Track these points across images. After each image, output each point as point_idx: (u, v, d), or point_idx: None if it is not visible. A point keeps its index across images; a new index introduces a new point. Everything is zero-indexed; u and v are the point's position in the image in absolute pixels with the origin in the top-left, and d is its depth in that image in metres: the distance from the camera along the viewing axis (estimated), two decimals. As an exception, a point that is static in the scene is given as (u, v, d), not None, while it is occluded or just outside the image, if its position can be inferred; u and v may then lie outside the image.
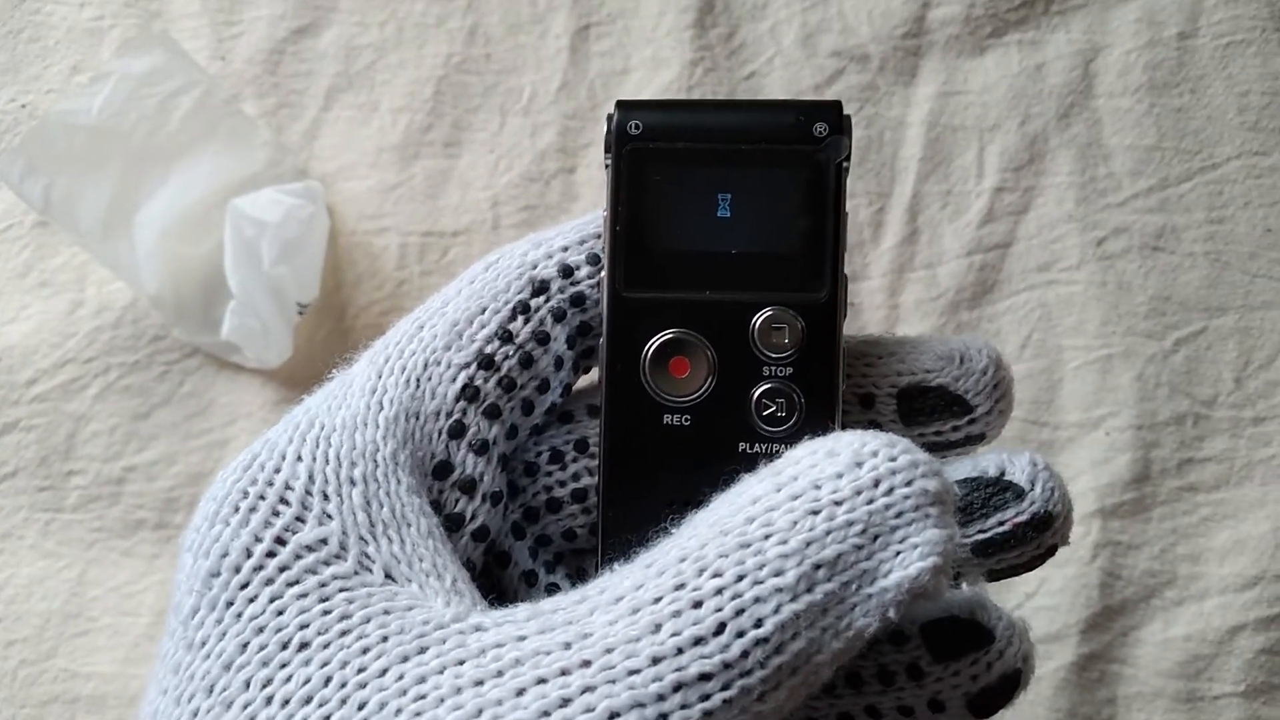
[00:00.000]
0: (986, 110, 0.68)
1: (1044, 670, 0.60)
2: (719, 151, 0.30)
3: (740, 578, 0.24)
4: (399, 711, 0.23)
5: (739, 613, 0.23)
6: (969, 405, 0.30)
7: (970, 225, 0.67)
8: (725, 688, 0.23)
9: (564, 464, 0.32)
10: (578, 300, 0.31)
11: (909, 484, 0.25)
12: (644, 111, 0.30)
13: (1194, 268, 0.66)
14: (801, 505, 0.24)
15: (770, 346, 0.29)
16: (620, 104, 0.30)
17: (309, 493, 0.27)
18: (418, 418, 0.29)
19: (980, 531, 0.29)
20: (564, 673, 0.23)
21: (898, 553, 0.24)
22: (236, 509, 0.27)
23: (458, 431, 0.29)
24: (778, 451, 0.29)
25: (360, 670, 0.24)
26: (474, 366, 0.30)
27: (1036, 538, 0.28)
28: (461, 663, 0.24)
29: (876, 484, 0.24)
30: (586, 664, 0.23)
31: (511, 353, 0.30)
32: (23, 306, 0.66)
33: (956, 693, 0.28)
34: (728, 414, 0.29)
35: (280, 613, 0.25)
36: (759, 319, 0.29)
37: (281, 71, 0.69)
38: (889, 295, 0.66)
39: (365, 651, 0.25)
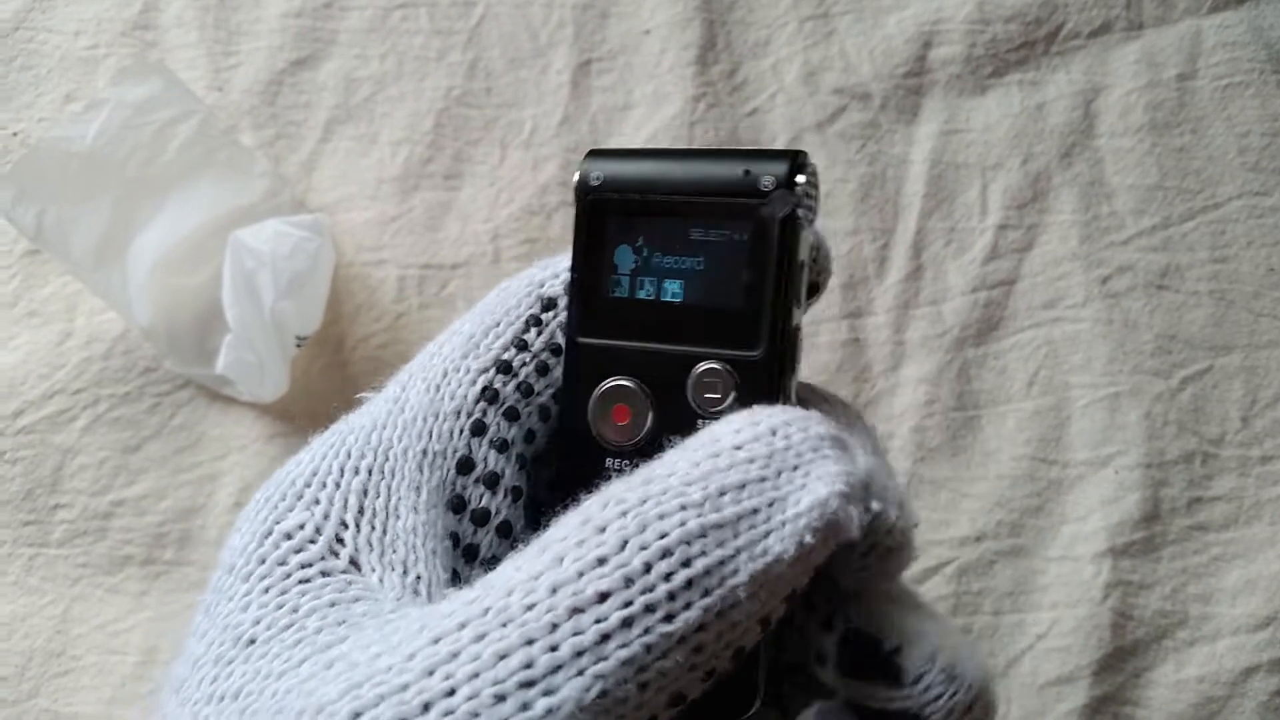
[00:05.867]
0: (989, 149, 0.68)
1: (1056, 714, 0.59)
2: (668, 203, 0.30)
3: (644, 500, 0.23)
4: (295, 693, 0.23)
5: (642, 529, 0.22)
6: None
7: (974, 262, 0.66)
8: (626, 605, 0.21)
9: None
10: None
11: (805, 429, 0.24)
12: (608, 161, 0.31)
13: (1199, 306, 0.65)
14: (703, 452, 0.24)
15: (703, 401, 0.29)
16: (590, 154, 0.31)
17: (308, 485, 0.28)
18: (437, 417, 0.30)
19: (855, 690, 0.27)
20: (461, 626, 0.22)
21: (803, 484, 0.24)
22: (249, 516, 0.28)
23: (479, 429, 0.30)
24: None
25: (285, 662, 0.24)
26: (492, 371, 0.31)
27: None
28: (370, 644, 0.23)
29: (774, 432, 0.24)
30: (485, 611, 0.22)
31: (528, 360, 0.31)
32: (10, 336, 0.64)
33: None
34: None
35: (245, 609, 0.26)
36: (696, 371, 0.29)
37: (280, 103, 0.69)
38: (894, 331, 0.65)
39: (298, 644, 0.24)
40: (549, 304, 0.32)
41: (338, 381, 0.64)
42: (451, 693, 0.21)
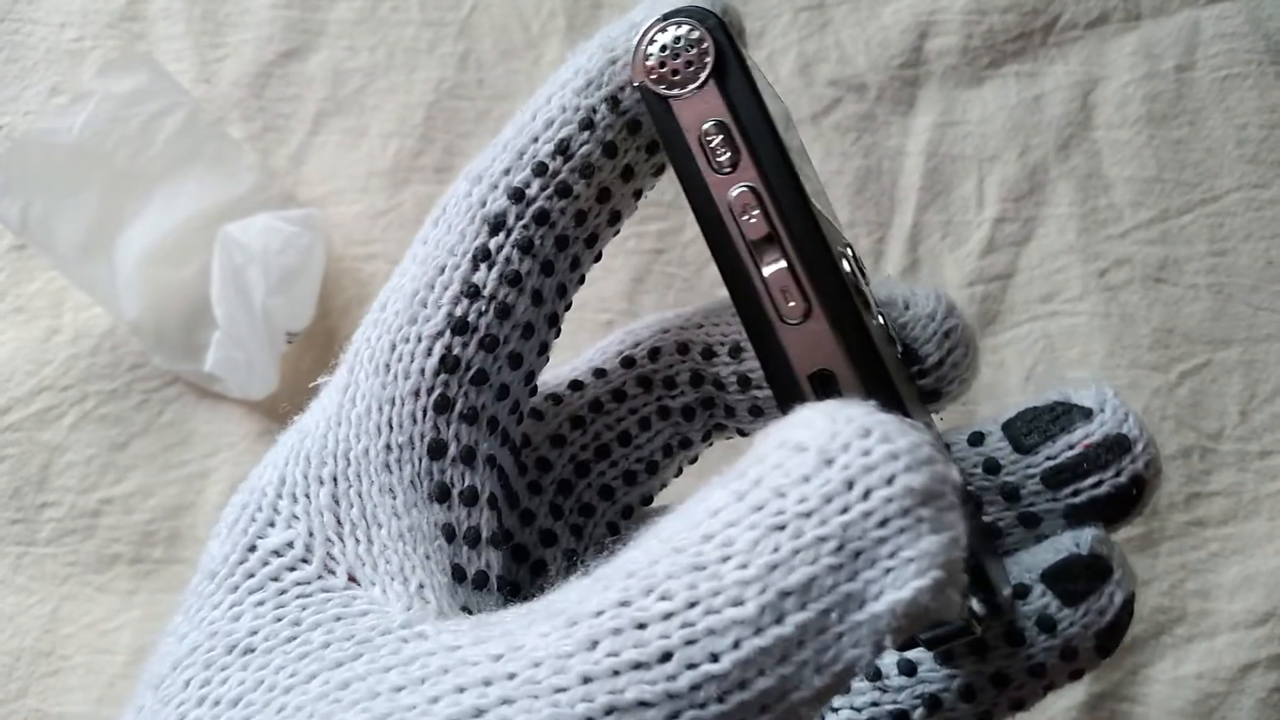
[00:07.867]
0: (985, 140, 0.68)
1: (1054, 710, 0.59)
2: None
3: (692, 604, 0.20)
4: (312, 715, 0.22)
5: (689, 643, 0.20)
6: (914, 355, 0.28)
7: (971, 255, 0.66)
8: (672, 717, 0.20)
9: (584, 428, 0.32)
10: (542, 218, 0.28)
11: (889, 482, 0.20)
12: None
13: (1197, 300, 0.65)
14: (765, 520, 0.20)
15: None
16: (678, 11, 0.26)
17: (280, 496, 0.27)
18: (393, 403, 0.27)
19: (1049, 459, 0.26)
20: (485, 683, 0.21)
21: (888, 570, 0.20)
22: (229, 522, 0.27)
23: (443, 405, 0.27)
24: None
25: (292, 675, 0.23)
26: (447, 334, 0.27)
27: (1114, 461, 0.26)
28: (389, 670, 0.22)
29: (850, 486, 0.20)
30: (511, 676, 0.20)
31: (484, 308, 0.27)
32: (-4, 333, 0.64)
33: (1088, 633, 0.26)
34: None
35: (236, 619, 0.25)
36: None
37: (268, 95, 0.68)
38: (890, 326, 0.65)
39: (303, 657, 0.23)
40: (497, 224, 0.27)
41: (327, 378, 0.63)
42: None
